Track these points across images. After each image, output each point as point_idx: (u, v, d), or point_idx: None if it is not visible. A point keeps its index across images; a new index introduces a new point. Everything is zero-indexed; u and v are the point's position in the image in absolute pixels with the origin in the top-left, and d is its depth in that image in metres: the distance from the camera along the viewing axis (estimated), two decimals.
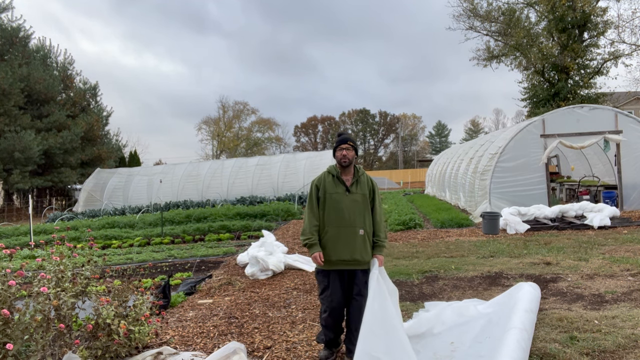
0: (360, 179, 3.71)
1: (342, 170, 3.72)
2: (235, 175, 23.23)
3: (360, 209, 3.62)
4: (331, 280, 3.65)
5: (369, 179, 3.78)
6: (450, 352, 3.59)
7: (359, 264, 3.60)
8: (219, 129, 65.92)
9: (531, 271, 6.37)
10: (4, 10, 25.90)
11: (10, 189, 26.62)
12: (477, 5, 28.98)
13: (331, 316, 3.66)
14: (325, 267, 3.66)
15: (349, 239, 3.57)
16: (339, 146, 3.68)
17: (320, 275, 3.73)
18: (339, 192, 3.64)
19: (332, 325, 3.69)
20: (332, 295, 3.64)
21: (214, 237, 11.71)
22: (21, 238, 13.19)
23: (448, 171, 18.94)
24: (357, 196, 3.63)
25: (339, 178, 3.68)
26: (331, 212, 3.62)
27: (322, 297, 3.72)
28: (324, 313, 3.70)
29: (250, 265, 7.18)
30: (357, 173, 3.73)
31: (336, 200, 3.62)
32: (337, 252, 3.59)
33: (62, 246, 3.97)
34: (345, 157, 3.65)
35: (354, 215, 3.59)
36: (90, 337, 3.70)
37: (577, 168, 16.39)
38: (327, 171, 3.78)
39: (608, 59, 26.44)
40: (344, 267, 3.62)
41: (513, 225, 10.08)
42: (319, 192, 3.70)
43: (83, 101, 30.93)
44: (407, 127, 79.02)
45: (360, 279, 3.60)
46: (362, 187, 3.68)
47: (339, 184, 3.67)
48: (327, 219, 3.63)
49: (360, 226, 3.59)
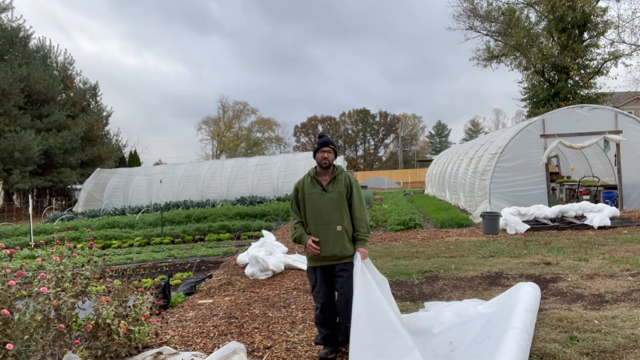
0: (338, 178, 3.85)
1: (321, 171, 3.88)
2: (235, 175, 23.23)
3: (337, 206, 3.75)
4: (318, 276, 3.81)
5: (347, 176, 3.91)
6: (450, 352, 3.59)
7: (339, 258, 3.74)
8: (219, 129, 65.94)
9: (531, 271, 6.37)
10: (4, 10, 25.90)
11: (10, 189, 26.63)
12: (477, 5, 29.00)
13: (322, 312, 3.80)
14: (311, 264, 3.86)
15: (327, 236, 3.71)
16: (321, 148, 3.84)
17: (309, 273, 3.91)
18: (316, 192, 3.81)
19: (324, 320, 3.81)
20: (320, 291, 3.80)
21: (214, 237, 11.71)
22: (21, 238, 13.19)
23: (448, 171, 18.94)
24: (333, 194, 3.77)
25: (316, 179, 3.86)
26: (310, 212, 3.81)
27: (314, 295, 3.88)
28: (316, 310, 3.85)
29: (250, 265, 7.18)
30: (334, 172, 3.88)
31: (313, 200, 3.80)
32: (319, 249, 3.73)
33: (62, 246, 3.97)
34: (326, 159, 3.82)
35: (329, 213, 3.73)
36: (90, 337, 3.70)
37: (577, 168, 16.38)
38: (307, 173, 3.96)
39: (608, 59, 26.45)
40: (326, 263, 3.77)
41: (513, 225, 10.08)
42: (298, 194, 3.91)
43: (83, 101, 30.94)
44: (407, 127, 79.03)
45: (343, 273, 3.72)
46: (339, 185, 3.81)
47: (316, 184, 3.84)
48: (307, 219, 3.83)
49: (337, 222, 3.72)
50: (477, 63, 30.69)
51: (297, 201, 3.93)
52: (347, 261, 3.75)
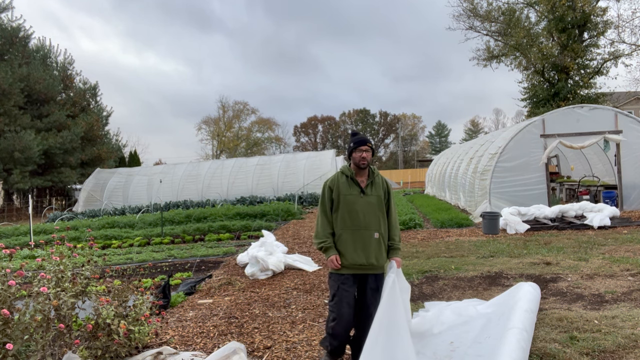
0: (375, 180, 3.58)
1: (358, 171, 3.57)
2: (235, 175, 23.24)
3: (375, 211, 3.49)
4: (343, 285, 3.45)
5: (384, 180, 3.67)
6: (450, 352, 3.59)
7: (374, 268, 3.47)
8: (219, 128, 65.96)
9: (531, 271, 6.37)
10: (4, 10, 25.90)
11: (10, 189, 26.63)
12: (477, 5, 29.02)
13: (340, 324, 3.43)
14: (339, 271, 3.49)
15: (365, 242, 3.43)
16: (358, 147, 3.51)
17: (332, 280, 3.53)
18: (353, 193, 3.49)
19: (341, 333, 3.45)
20: (342, 301, 3.43)
21: (214, 237, 11.71)
22: (21, 238, 13.19)
23: (448, 171, 18.94)
24: (372, 198, 3.50)
25: (353, 179, 3.54)
26: (345, 215, 3.48)
27: (332, 304, 3.49)
28: (332, 321, 3.46)
29: (250, 265, 7.18)
30: (372, 174, 3.60)
31: (351, 202, 3.48)
32: (352, 255, 3.43)
33: (62, 246, 3.97)
34: (364, 159, 3.50)
35: (369, 218, 3.46)
36: (90, 337, 3.70)
37: (577, 168, 16.39)
38: (341, 172, 3.63)
39: (608, 59, 26.46)
40: (359, 272, 3.47)
41: (513, 225, 10.08)
42: (332, 194, 3.57)
43: (83, 101, 30.94)
44: (407, 127, 79.02)
45: (373, 284, 3.47)
46: (377, 188, 3.55)
47: (353, 185, 3.53)
48: (341, 222, 3.50)
49: (376, 229, 3.47)
50: (477, 63, 30.78)
51: (331, 201, 3.56)
52: (379, 272, 3.49)
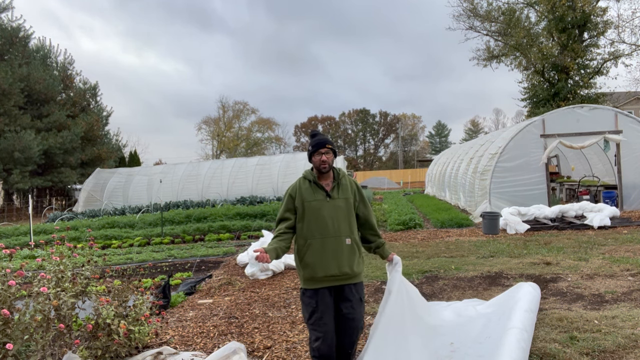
0: (342, 182, 3.25)
1: (320, 175, 3.24)
2: (235, 175, 23.23)
3: (345, 216, 3.17)
4: (319, 300, 3.10)
5: (351, 181, 3.36)
6: (450, 353, 3.58)
7: (349, 277, 3.14)
8: (219, 128, 65.96)
9: (531, 271, 6.37)
10: (4, 10, 25.90)
11: (10, 189, 26.63)
12: (477, 5, 29.01)
13: (325, 342, 3.04)
14: (311, 286, 3.13)
15: (336, 251, 3.10)
16: (317, 150, 3.18)
17: (306, 297, 3.16)
18: (318, 198, 3.16)
19: (327, 352, 3.06)
20: (323, 318, 3.07)
21: (214, 237, 11.71)
22: (21, 238, 13.18)
23: (448, 171, 18.94)
24: (339, 201, 3.17)
25: (316, 183, 3.22)
26: (312, 222, 3.13)
27: (311, 322, 3.10)
28: (316, 341, 3.06)
29: (250, 265, 7.18)
30: (337, 176, 3.27)
31: (316, 208, 3.14)
32: (323, 267, 3.08)
33: (62, 246, 3.97)
34: (325, 162, 3.17)
35: (338, 223, 3.13)
36: (90, 337, 3.70)
37: (577, 168, 16.40)
38: (303, 177, 3.30)
39: (608, 59, 26.46)
40: (333, 284, 3.12)
41: (513, 225, 10.08)
42: (294, 202, 3.21)
43: (83, 101, 30.95)
44: (407, 127, 79.00)
45: (352, 294, 3.14)
46: (345, 191, 3.23)
47: (317, 190, 3.20)
48: (307, 231, 3.14)
49: (347, 235, 3.14)
50: (477, 63, 30.77)
51: (291, 211, 3.21)
52: (356, 281, 3.17)
